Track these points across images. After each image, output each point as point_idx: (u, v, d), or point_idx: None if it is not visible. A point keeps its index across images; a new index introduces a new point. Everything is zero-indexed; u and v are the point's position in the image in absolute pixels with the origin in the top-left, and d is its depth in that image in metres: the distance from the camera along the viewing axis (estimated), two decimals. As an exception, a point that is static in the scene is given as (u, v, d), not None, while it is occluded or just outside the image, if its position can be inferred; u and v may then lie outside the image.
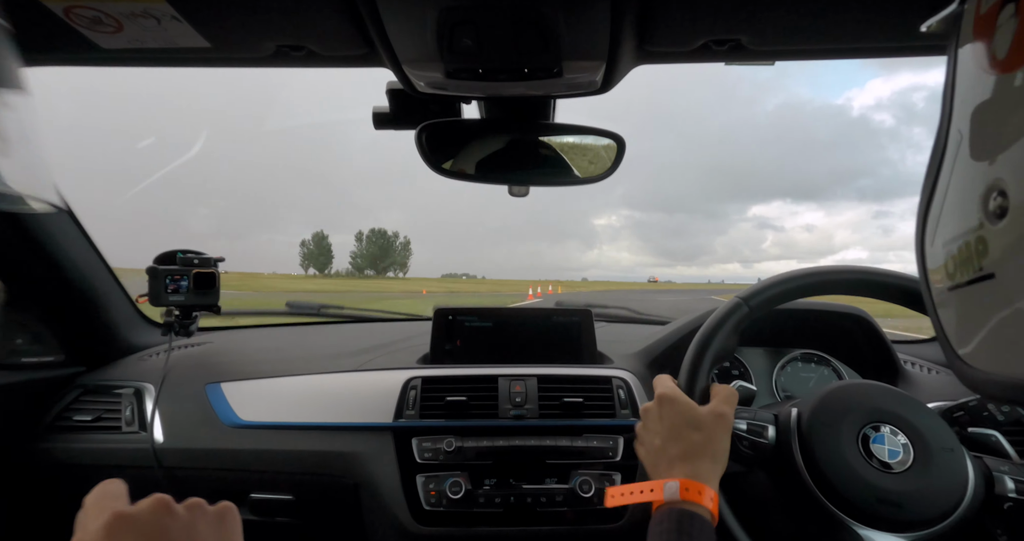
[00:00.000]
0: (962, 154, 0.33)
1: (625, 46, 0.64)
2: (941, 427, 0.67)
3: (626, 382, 1.10)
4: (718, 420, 0.64)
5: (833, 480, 0.64)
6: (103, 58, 0.72)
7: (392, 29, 0.60)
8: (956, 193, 0.34)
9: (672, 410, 0.64)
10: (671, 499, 0.58)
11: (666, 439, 0.63)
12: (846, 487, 0.63)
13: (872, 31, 0.64)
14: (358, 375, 1.12)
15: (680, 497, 0.58)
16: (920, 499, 0.62)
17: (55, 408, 1.12)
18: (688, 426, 0.63)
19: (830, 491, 0.64)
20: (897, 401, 0.69)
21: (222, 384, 1.12)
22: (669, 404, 0.65)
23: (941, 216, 0.35)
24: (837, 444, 0.66)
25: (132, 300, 1.30)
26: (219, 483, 1.09)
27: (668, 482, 0.59)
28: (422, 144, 0.84)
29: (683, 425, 0.63)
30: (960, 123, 0.33)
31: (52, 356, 1.18)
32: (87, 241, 1.15)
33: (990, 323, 0.31)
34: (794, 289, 0.77)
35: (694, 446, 0.62)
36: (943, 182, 0.35)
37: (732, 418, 0.66)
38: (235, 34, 0.66)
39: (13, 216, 0.99)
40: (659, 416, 0.65)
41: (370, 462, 1.02)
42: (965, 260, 0.32)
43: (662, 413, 0.65)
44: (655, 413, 0.66)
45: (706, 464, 0.61)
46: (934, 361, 1.21)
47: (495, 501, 0.98)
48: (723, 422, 0.65)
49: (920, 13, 0.60)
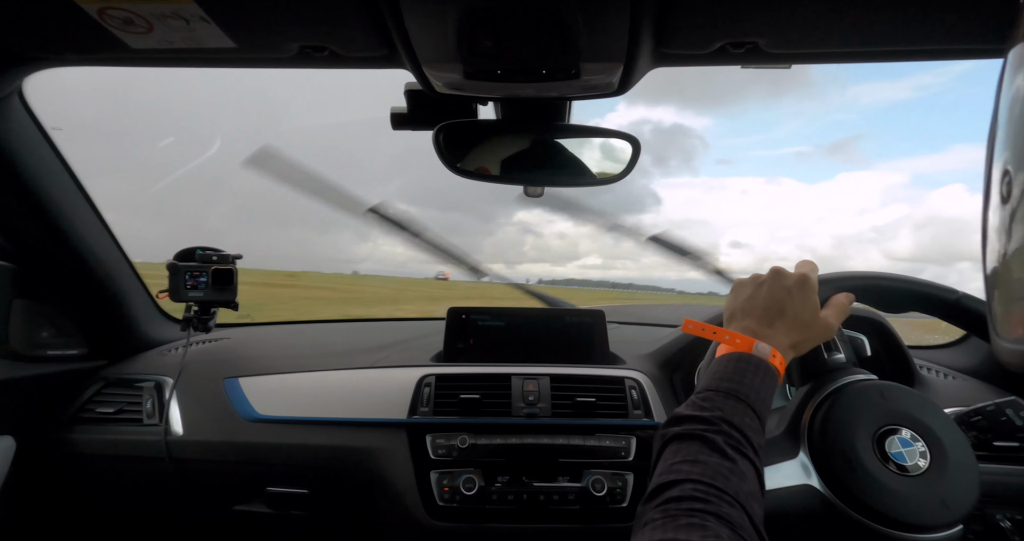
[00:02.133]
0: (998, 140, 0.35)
1: (643, 48, 0.65)
2: (961, 440, 0.67)
3: (639, 383, 1.10)
4: (823, 329, 0.65)
5: (830, 426, 0.66)
6: (133, 58, 0.74)
7: (414, 30, 0.62)
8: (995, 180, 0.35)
9: (802, 295, 0.64)
10: (760, 355, 0.59)
11: (775, 309, 0.63)
12: (832, 438, 0.65)
13: (889, 35, 0.64)
14: (373, 372, 1.14)
15: (768, 359, 0.59)
16: (897, 499, 0.61)
17: (79, 400, 1.15)
18: (800, 317, 0.63)
19: (818, 430, 0.66)
20: (926, 410, 0.69)
21: (240, 379, 1.14)
22: (802, 289, 0.64)
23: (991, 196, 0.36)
24: (862, 415, 0.67)
25: (152, 296, 1.32)
26: (237, 476, 1.11)
27: (761, 344, 0.60)
28: (439, 144, 0.85)
29: (797, 312, 0.63)
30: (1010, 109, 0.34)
31: (76, 349, 1.21)
32: (110, 237, 1.18)
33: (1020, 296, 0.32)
34: None
35: (793, 333, 0.63)
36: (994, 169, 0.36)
37: (832, 331, 0.67)
38: (260, 35, 0.67)
39: (39, 212, 1.02)
40: (787, 289, 0.64)
41: (384, 457, 1.03)
42: None
43: (792, 290, 0.64)
44: (787, 285, 0.65)
45: (788, 348, 0.62)
46: (950, 366, 1.20)
47: (508, 498, 0.99)
48: (824, 331, 0.65)
49: (940, 17, 0.60)
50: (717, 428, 0.51)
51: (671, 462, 0.49)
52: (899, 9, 0.59)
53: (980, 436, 0.75)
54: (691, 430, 0.51)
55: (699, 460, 0.48)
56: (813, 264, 0.69)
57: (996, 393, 1.05)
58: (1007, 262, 0.32)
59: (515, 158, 0.90)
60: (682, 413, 0.54)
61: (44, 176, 1.00)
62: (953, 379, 1.15)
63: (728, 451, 0.49)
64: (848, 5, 0.58)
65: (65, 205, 1.05)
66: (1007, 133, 0.33)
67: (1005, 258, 0.32)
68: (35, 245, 1.08)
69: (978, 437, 0.75)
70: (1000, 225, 0.32)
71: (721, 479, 0.46)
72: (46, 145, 1.00)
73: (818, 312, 0.64)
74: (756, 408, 0.55)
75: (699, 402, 0.55)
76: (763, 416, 0.55)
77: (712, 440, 0.50)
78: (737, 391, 0.55)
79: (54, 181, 1.02)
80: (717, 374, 0.58)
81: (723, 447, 0.49)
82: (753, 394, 0.55)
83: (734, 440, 0.50)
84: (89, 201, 1.11)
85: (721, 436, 0.50)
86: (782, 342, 0.62)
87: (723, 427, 0.51)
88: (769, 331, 0.62)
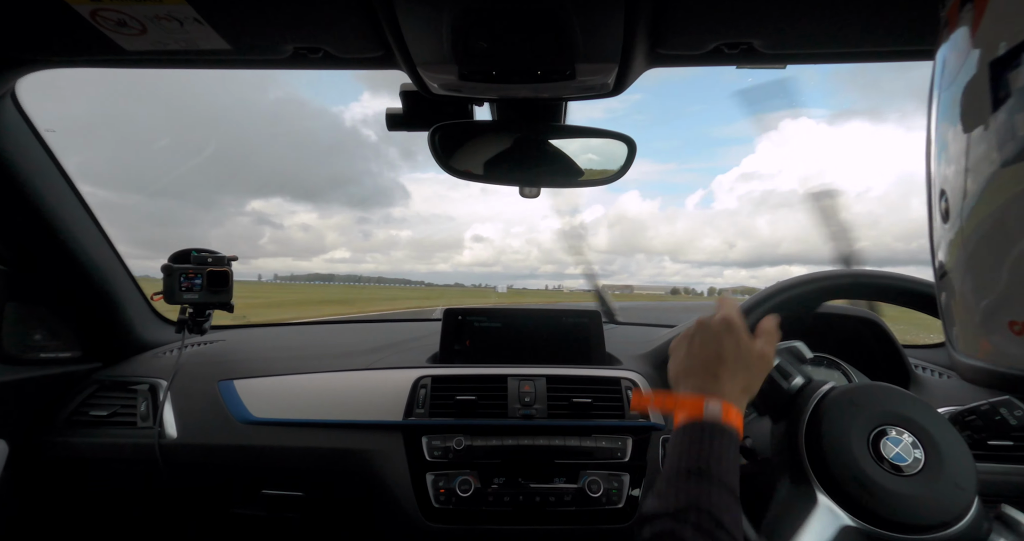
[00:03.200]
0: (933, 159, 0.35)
1: (638, 49, 0.65)
2: (962, 450, 0.67)
3: (635, 383, 1.10)
4: (762, 361, 0.65)
5: (825, 449, 0.65)
6: (126, 59, 0.74)
7: (409, 32, 0.61)
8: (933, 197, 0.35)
9: (732, 337, 0.64)
10: (711, 418, 0.58)
11: (713, 358, 0.63)
12: (832, 458, 0.64)
13: (882, 35, 0.64)
14: (369, 373, 1.13)
15: (721, 419, 0.58)
16: (909, 504, 0.61)
17: (73, 403, 1.14)
18: (739, 357, 0.63)
19: (817, 455, 0.65)
20: (915, 407, 0.69)
21: (235, 381, 1.13)
22: (729, 329, 0.64)
23: (933, 213, 0.37)
24: (849, 425, 0.66)
25: (147, 298, 1.32)
26: (232, 478, 1.10)
27: (711, 402, 0.59)
28: (435, 145, 0.85)
29: (735, 354, 0.63)
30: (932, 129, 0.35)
31: (70, 352, 1.20)
32: (104, 239, 1.18)
33: (958, 313, 0.32)
34: (906, 292, 0.74)
35: (738, 377, 0.62)
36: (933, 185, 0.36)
37: (771, 361, 0.67)
38: (254, 36, 0.67)
39: (32, 214, 1.01)
40: (716, 335, 0.64)
41: (380, 459, 1.03)
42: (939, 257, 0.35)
43: (721, 335, 0.64)
44: (715, 332, 0.65)
45: (740, 395, 0.62)
46: (945, 365, 1.21)
47: (504, 500, 0.99)
48: (766, 364, 0.65)
49: (934, 18, 0.60)
50: (684, 519, 0.50)
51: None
52: (894, 10, 0.59)
53: (974, 435, 0.75)
54: (660, 531, 0.51)
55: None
56: (731, 300, 0.70)
57: (990, 392, 1.05)
58: (951, 280, 0.32)
59: (511, 158, 0.90)
60: (649, 512, 0.53)
61: (37, 178, 0.99)
62: (948, 378, 1.16)
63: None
64: (842, 6, 0.59)
65: (58, 207, 1.05)
66: (938, 149, 0.33)
67: (950, 276, 0.33)
68: (28, 247, 1.07)
69: (972, 436, 0.75)
70: (944, 244, 0.33)
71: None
72: (39, 147, 0.99)
73: (752, 348, 0.64)
74: (722, 478, 0.54)
75: (664, 490, 0.54)
76: (731, 483, 0.55)
77: (681, 537, 0.49)
78: (699, 468, 0.54)
79: (47, 183, 1.02)
80: (675, 450, 0.57)
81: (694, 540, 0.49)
82: (715, 464, 0.54)
83: (704, 528, 0.50)
84: (82, 203, 1.10)
85: (690, 527, 0.49)
86: (732, 391, 0.61)
87: (691, 517, 0.50)
88: (715, 384, 0.61)
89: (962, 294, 0.32)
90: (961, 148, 0.30)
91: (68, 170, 1.06)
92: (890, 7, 0.59)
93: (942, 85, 0.33)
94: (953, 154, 0.31)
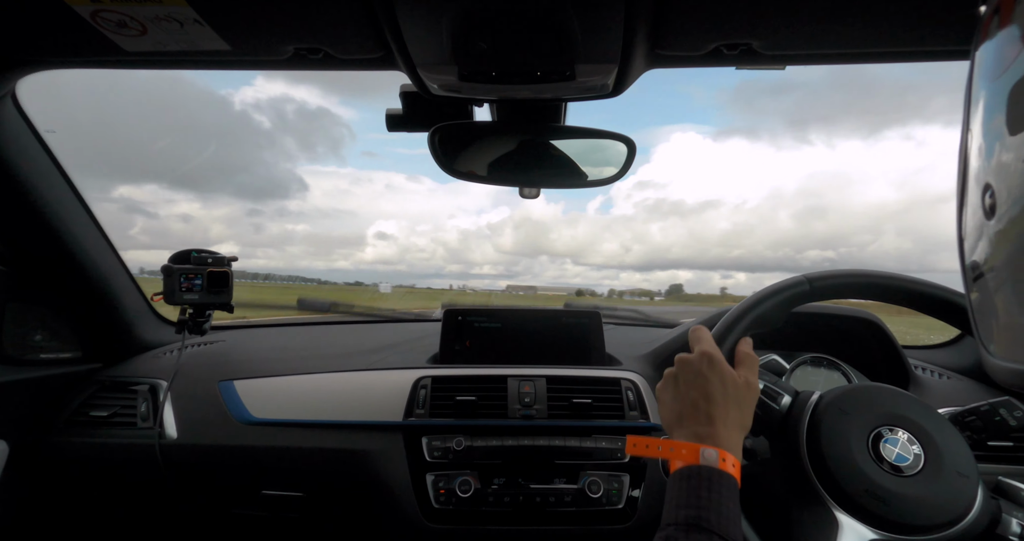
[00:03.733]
0: (972, 153, 0.34)
1: (637, 50, 0.65)
2: (958, 442, 0.67)
3: (635, 384, 1.10)
4: (750, 391, 0.63)
5: (831, 465, 0.64)
6: (127, 60, 0.74)
7: (409, 33, 0.62)
8: (971, 192, 0.34)
9: (716, 372, 0.62)
10: (708, 466, 0.56)
11: (702, 399, 0.61)
12: (840, 472, 0.63)
13: (882, 36, 0.64)
14: (369, 374, 1.13)
15: (718, 467, 0.56)
16: (919, 505, 0.61)
17: (73, 403, 1.14)
18: (727, 394, 0.61)
19: (824, 472, 0.64)
20: (915, 408, 0.69)
21: (235, 382, 1.14)
22: (711, 363, 0.62)
23: (965, 209, 0.35)
24: (847, 434, 0.66)
25: (147, 298, 1.32)
26: (232, 479, 1.10)
27: (707, 449, 0.57)
28: (435, 146, 0.85)
29: (723, 391, 0.61)
30: (974, 124, 0.34)
31: (70, 352, 1.20)
32: (105, 240, 1.18)
33: (1000, 314, 0.31)
34: (863, 285, 0.73)
35: (731, 414, 0.61)
36: (969, 181, 0.35)
37: (758, 389, 0.65)
38: (255, 37, 0.67)
39: (33, 215, 1.01)
40: (700, 374, 0.62)
41: (380, 460, 1.03)
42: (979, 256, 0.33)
43: (704, 372, 0.62)
44: (697, 370, 0.63)
45: (735, 433, 0.60)
46: (945, 366, 1.21)
47: (504, 500, 0.99)
48: (753, 394, 0.64)
49: (931, 18, 0.60)
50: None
51: None
52: (893, 11, 0.59)
53: (974, 436, 0.75)
54: None
55: None
56: (704, 332, 0.68)
57: (990, 393, 1.05)
58: (992, 279, 0.31)
59: (510, 159, 0.90)
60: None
61: (38, 178, 0.99)
62: (948, 379, 1.16)
63: None
64: (842, 7, 0.59)
65: (59, 207, 1.05)
66: (984, 144, 0.32)
67: (991, 275, 0.32)
68: (29, 248, 1.07)
69: (972, 437, 0.75)
70: (985, 241, 0.32)
71: None
72: (39, 147, 0.99)
73: (737, 380, 0.63)
74: (720, 530, 0.53)
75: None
76: (733, 535, 0.53)
77: None
78: (698, 518, 0.53)
79: (48, 183, 1.02)
80: (673, 500, 0.56)
81: None
82: (714, 515, 0.53)
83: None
84: (83, 203, 1.10)
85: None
86: (728, 433, 0.59)
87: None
88: (710, 429, 0.59)
89: (1007, 294, 0.30)
90: (1018, 141, 0.29)
91: (68, 170, 1.06)
92: (889, 8, 0.59)
93: (987, 79, 0.32)
94: (1006, 146, 0.29)
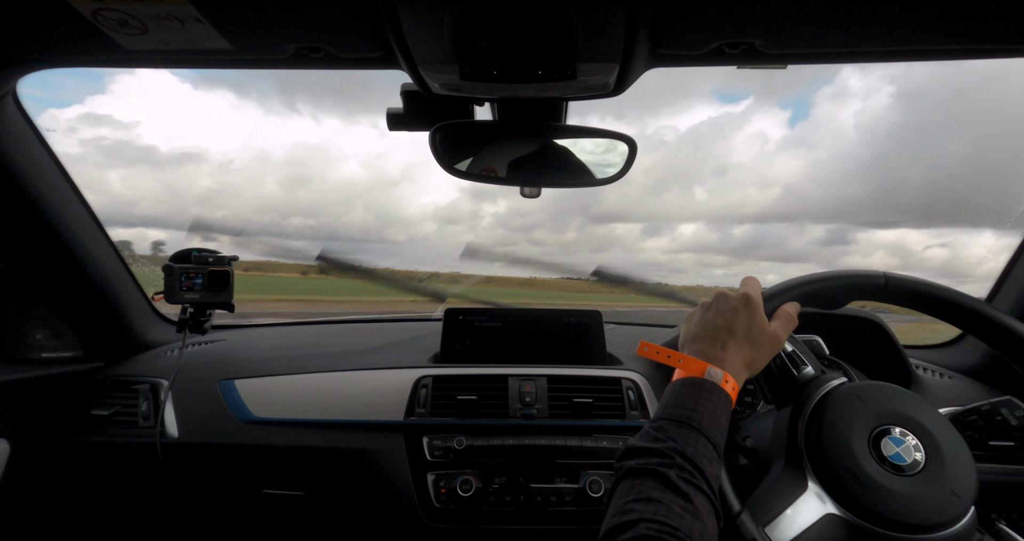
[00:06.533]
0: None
1: (639, 49, 0.65)
2: (962, 449, 0.67)
3: (636, 383, 1.10)
4: (773, 341, 0.66)
5: (825, 439, 0.66)
6: (127, 59, 0.74)
7: (409, 31, 0.61)
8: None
9: (747, 313, 0.65)
10: (711, 381, 0.60)
11: (724, 329, 0.65)
12: (830, 447, 0.65)
13: (884, 35, 0.64)
14: (370, 373, 1.13)
15: (720, 384, 0.60)
16: (899, 501, 0.61)
17: (74, 402, 1.14)
18: (749, 333, 0.65)
19: (815, 442, 0.66)
20: (921, 410, 0.69)
21: (235, 381, 1.13)
22: (747, 306, 0.66)
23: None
24: (852, 419, 0.67)
25: (148, 297, 1.32)
26: (232, 478, 1.10)
27: (713, 368, 0.61)
28: (436, 145, 0.85)
29: (746, 329, 0.64)
30: None
31: (71, 352, 1.20)
32: (106, 239, 1.18)
33: None
34: (936, 299, 0.73)
35: (744, 351, 0.64)
36: None
37: (782, 344, 0.68)
38: (255, 36, 0.67)
39: (34, 214, 1.01)
40: (733, 308, 0.66)
41: (381, 459, 1.03)
42: None
43: (737, 309, 0.65)
44: (732, 305, 0.66)
45: (742, 369, 0.63)
46: (946, 366, 1.21)
47: (505, 499, 0.99)
48: (775, 345, 0.67)
49: (934, 17, 0.60)
50: (671, 461, 0.51)
51: (624, 501, 0.49)
52: (896, 9, 0.59)
53: (975, 435, 0.75)
54: (645, 464, 0.52)
55: (652, 498, 0.48)
56: (755, 281, 0.71)
57: (991, 393, 1.05)
58: None
59: (512, 158, 0.90)
60: (636, 445, 0.55)
61: (38, 178, 0.99)
62: (949, 379, 1.16)
63: (682, 486, 0.49)
64: (843, 6, 0.59)
65: (60, 207, 1.05)
66: None
67: None
68: (30, 247, 1.07)
69: (973, 436, 0.75)
70: None
71: (675, 517, 0.46)
72: (40, 146, 0.99)
73: (766, 327, 0.66)
74: (710, 435, 0.55)
75: (653, 432, 0.56)
76: (717, 442, 0.56)
77: (665, 475, 0.50)
78: (690, 419, 0.56)
79: (48, 183, 1.02)
80: (670, 401, 0.59)
81: (676, 482, 0.49)
82: (706, 420, 0.56)
83: (688, 473, 0.51)
84: (84, 202, 1.10)
85: (675, 470, 0.51)
86: (735, 363, 0.63)
87: (676, 459, 0.51)
88: (721, 353, 0.63)
89: None
90: None
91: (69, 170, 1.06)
92: (891, 7, 0.59)
93: None
94: None
